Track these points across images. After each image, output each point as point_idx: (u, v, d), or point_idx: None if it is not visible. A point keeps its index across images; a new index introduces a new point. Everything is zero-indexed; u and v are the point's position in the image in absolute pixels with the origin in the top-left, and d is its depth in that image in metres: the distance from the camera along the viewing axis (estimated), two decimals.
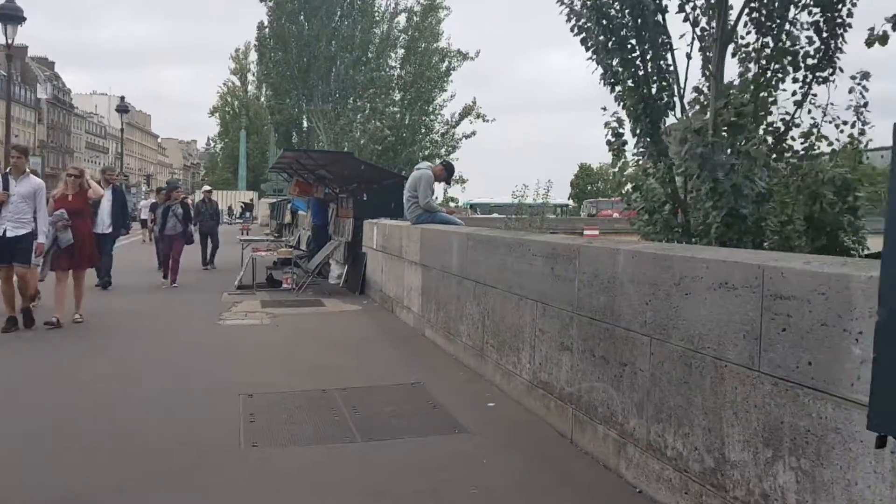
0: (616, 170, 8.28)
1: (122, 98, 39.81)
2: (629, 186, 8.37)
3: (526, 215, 33.72)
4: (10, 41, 20.66)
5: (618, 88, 8.46)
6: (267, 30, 38.99)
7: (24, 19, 20.92)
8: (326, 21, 37.56)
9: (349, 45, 37.67)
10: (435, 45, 38.34)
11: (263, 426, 5.12)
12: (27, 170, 8.66)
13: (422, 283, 8.78)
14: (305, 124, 40.28)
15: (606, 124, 8.64)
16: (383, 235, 11.15)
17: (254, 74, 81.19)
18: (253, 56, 79.30)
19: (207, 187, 17.65)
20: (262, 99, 75.00)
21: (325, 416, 5.40)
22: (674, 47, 8.44)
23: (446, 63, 38.26)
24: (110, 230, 12.40)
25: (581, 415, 4.61)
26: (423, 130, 38.56)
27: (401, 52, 39.40)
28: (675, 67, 8.46)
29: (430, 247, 8.51)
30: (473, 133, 38.71)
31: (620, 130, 8.42)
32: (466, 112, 38.10)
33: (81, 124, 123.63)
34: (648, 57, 8.08)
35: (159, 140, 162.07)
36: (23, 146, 9.50)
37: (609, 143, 8.44)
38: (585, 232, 64.67)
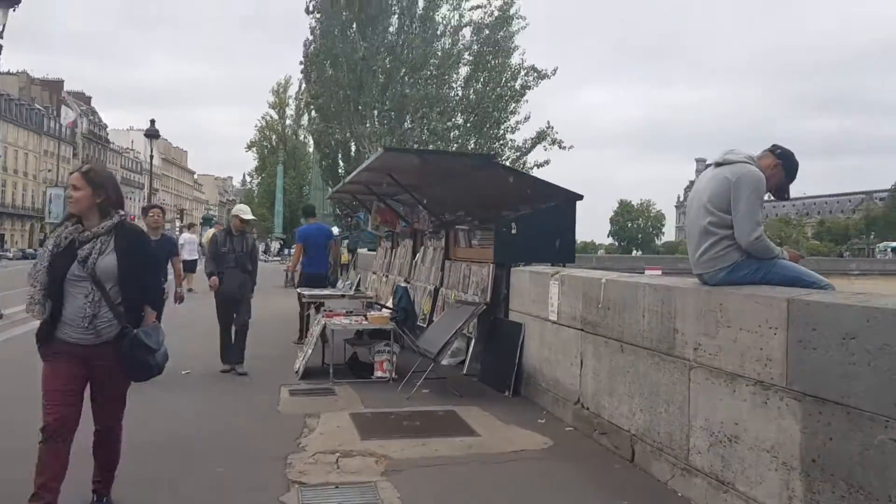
0: None
1: (153, 121, 35.39)
2: None
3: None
4: (1, 27, 16.14)
5: None
6: (313, 47, 34.41)
7: (17, 2, 16.47)
8: (381, 34, 32.92)
9: (407, 61, 32.82)
10: (506, 61, 33.27)
11: None
12: None
13: (803, 441, 3.47)
14: (353, 150, 35.38)
15: None
16: (591, 301, 5.88)
17: (293, 109, 78.29)
18: (292, 90, 76.42)
19: (244, 209, 9.17)
20: (303, 129, 71.46)
21: None
22: None
23: (520, 81, 33.16)
24: None
25: None
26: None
27: (464, 70, 34.39)
28: None
29: (879, 354, 3.21)
30: (547, 162, 33.56)
31: None
32: (541, 137, 33.00)
33: (117, 159, 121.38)
34: None
35: (195, 176, 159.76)
36: None
37: None
38: (647, 272, 58.98)
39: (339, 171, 35.45)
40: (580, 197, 7.94)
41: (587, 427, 5.80)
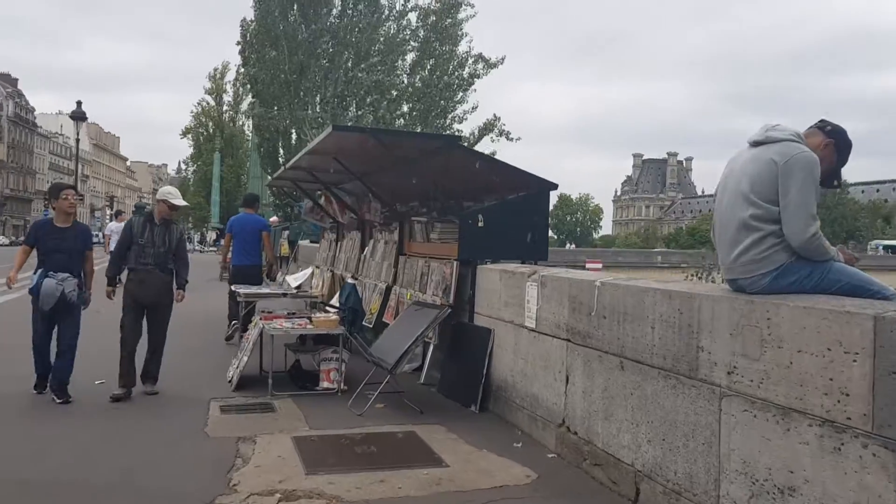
0: None
1: (79, 103, 33.29)
2: None
3: None
4: None
5: None
6: (252, 26, 32.84)
7: None
8: (325, 17, 31.62)
9: (350, 44, 31.60)
10: (453, 48, 32.30)
11: None
12: None
13: None
14: (294, 137, 33.97)
15: None
16: (580, 307, 5.00)
17: (231, 96, 76.10)
18: (230, 76, 74.35)
19: (173, 192, 7.16)
20: (242, 116, 69.46)
21: None
22: None
23: (467, 70, 32.27)
24: None
25: None
26: None
27: (410, 56, 33.32)
28: None
29: None
30: (494, 153, 32.80)
31: None
32: (488, 128, 32.34)
33: (45, 144, 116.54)
34: None
35: (128, 163, 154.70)
36: None
37: None
38: (588, 265, 58.78)
39: (280, 158, 34.09)
40: (554, 186, 7.07)
41: (575, 455, 4.92)
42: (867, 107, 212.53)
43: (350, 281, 9.91)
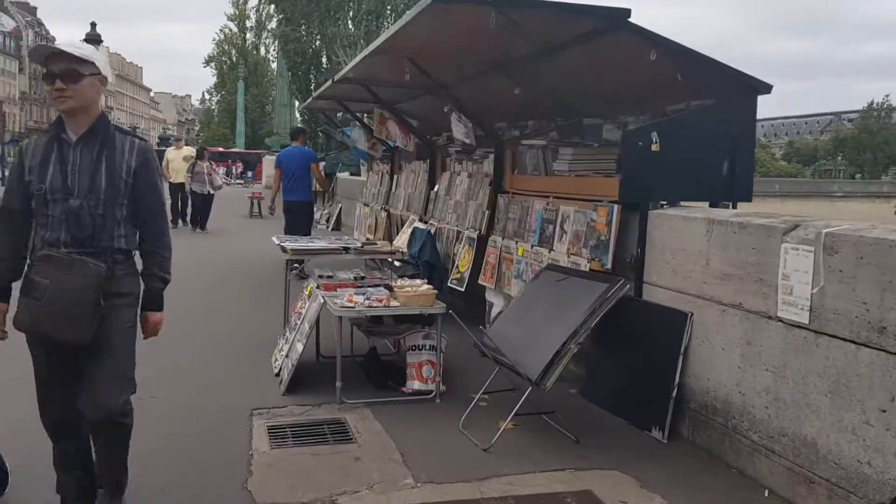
0: None
1: (94, 25, 30.74)
2: None
3: None
4: None
5: None
6: None
7: None
8: None
9: None
10: None
11: None
12: None
13: None
14: (325, 62, 31.30)
15: None
16: None
17: (254, 22, 73.43)
18: (253, 2, 71.58)
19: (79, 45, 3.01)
20: (265, 42, 66.77)
21: None
22: None
23: None
24: None
25: None
26: None
27: None
28: None
29: None
30: None
31: None
32: None
33: None
34: None
35: (152, 94, 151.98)
36: None
37: None
38: None
39: (311, 87, 31.53)
40: (768, 88, 4.61)
41: None
42: None
43: (422, 226, 7.64)
